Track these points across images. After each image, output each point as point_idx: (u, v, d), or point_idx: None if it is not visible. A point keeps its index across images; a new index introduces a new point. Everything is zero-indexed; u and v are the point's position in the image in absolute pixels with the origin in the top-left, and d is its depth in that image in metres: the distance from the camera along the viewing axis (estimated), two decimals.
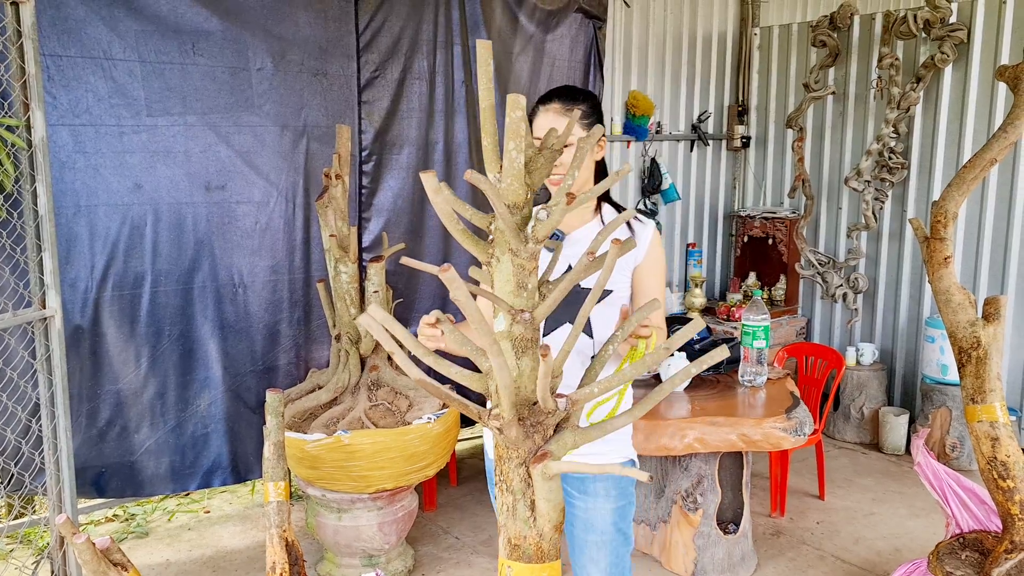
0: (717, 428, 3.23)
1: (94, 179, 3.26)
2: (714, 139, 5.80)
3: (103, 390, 3.35)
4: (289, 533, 2.79)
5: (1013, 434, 3.02)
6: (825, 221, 5.43)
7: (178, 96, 3.42)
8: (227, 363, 3.60)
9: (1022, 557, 2.90)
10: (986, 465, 3.01)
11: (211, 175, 3.52)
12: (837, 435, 5.01)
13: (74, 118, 3.20)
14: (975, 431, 3.04)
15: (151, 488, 3.50)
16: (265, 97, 3.66)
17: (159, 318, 3.43)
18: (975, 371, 3.09)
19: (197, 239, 3.50)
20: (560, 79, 4.76)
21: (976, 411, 3.05)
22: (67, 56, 3.17)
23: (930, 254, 3.21)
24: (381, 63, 4.00)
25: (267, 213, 3.68)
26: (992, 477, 3.00)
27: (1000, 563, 2.92)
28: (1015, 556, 2.92)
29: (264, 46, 3.62)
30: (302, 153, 3.76)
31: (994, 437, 3.00)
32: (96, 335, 3.31)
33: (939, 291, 3.14)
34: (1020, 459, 2.98)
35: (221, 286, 3.56)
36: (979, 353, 3.08)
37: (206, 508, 4.08)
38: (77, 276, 3.26)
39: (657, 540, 3.58)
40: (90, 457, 3.36)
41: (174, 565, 3.54)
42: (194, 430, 3.55)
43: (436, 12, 4.18)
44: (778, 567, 3.53)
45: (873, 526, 3.89)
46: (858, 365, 4.98)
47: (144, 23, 3.31)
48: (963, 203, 3.21)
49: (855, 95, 5.19)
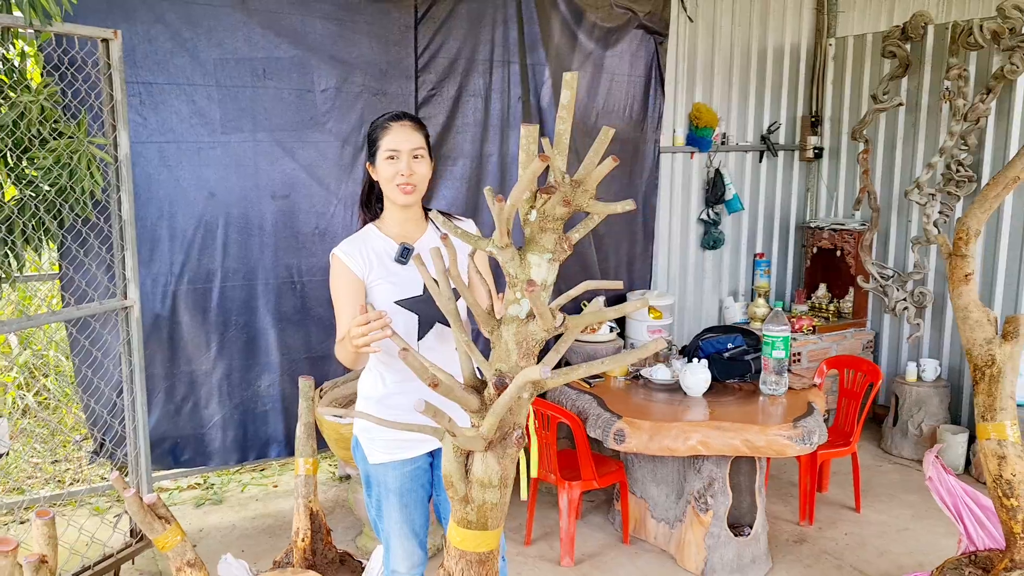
0: (722, 432, 3.37)
1: (175, 189, 3.77)
2: (785, 150, 5.81)
3: (179, 371, 3.86)
4: (314, 503, 3.16)
5: (1022, 454, 3.01)
6: (895, 234, 5.35)
7: (249, 116, 3.88)
8: (284, 350, 4.05)
9: (1018, 574, 2.89)
10: (992, 483, 3.03)
11: (276, 185, 3.97)
12: (894, 450, 4.94)
13: (160, 136, 3.72)
14: (984, 448, 3.06)
15: (217, 458, 4.00)
16: (328, 115, 4.07)
17: (227, 309, 3.92)
18: (987, 389, 3.11)
19: (262, 241, 3.95)
20: (619, 94, 4.97)
21: (986, 429, 3.07)
22: (156, 83, 3.69)
23: (951, 270, 3.24)
24: (438, 82, 4.34)
25: (326, 219, 4.09)
26: (997, 495, 3.02)
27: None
28: (1014, 573, 2.92)
29: (329, 69, 4.04)
30: (360, 166, 4.15)
31: (1001, 456, 3.02)
32: (174, 323, 3.83)
33: (958, 307, 3.18)
34: None
35: (281, 283, 4.01)
36: (993, 371, 3.10)
37: (275, 483, 4.55)
38: (159, 272, 3.77)
39: (674, 538, 3.73)
40: (168, 429, 3.88)
41: (238, 528, 4.01)
42: (255, 408, 4.03)
43: (494, 32, 4.48)
44: (791, 572, 3.60)
45: (903, 541, 3.88)
46: (919, 381, 4.90)
47: (222, 52, 3.79)
48: (985, 220, 3.23)
49: (927, 106, 5.10)
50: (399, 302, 2.30)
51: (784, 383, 3.74)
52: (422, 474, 2.47)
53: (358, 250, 2.32)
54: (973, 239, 3.21)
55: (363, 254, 2.32)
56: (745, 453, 3.36)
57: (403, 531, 2.46)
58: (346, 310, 2.28)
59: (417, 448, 2.42)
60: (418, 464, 2.44)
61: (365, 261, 2.31)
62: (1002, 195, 3.15)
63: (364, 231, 2.40)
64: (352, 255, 2.31)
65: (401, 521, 2.45)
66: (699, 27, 5.34)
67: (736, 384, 3.93)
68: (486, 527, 1.57)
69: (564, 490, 3.63)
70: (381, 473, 2.43)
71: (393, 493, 2.43)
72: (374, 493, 2.48)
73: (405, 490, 2.43)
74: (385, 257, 2.33)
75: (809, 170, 5.91)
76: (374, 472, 2.44)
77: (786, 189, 5.89)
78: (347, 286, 2.30)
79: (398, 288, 2.32)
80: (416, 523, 2.49)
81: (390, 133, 2.31)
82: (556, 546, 3.77)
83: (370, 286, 2.32)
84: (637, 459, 3.80)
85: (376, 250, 2.34)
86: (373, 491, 2.48)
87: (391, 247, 2.35)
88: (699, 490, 3.56)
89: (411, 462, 2.43)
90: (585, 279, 5.10)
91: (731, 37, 5.47)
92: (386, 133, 2.32)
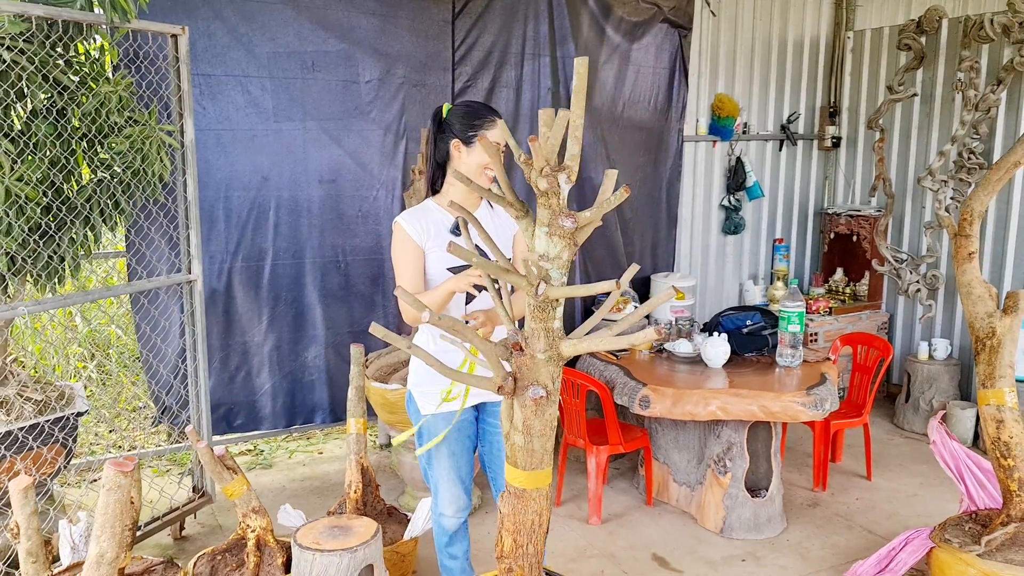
0: (740, 399, 3.62)
1: (231, 174, 4.07)
2: (804, 139, 6.03)
3: (233, 341, 4.17)
4: (364, 460, 3.45)
5: (1019, 418, 3.24)
6: (909, 220, 5.56)
7: (299, 105, 4.18)
8: (330, 324, 4.36)
9: (1013, 528, 3.13)
10: (991, 445, 3.26)
11: (324, 171, 4.26)
12: (906, 426, 5.17)
13: (218, 124, 4.02)
14: (984, 414, 3.30)
15: (267, 423, 4.33)
16: (371, 105, 4.36)
17: (277, 285, 4.23)
18: (988, 359, 3.34)
19: (310, 222, 4.26)
20: (644, 85, 5.22)
21: (986, 395, 3.30)
22: (214, 75, 3.99)
23: (956, 249, 3.47)
24: (473, 74, 4.62)
25: (369, 202, 4.39)
26: (996, 456, 3.25)
27: (993, 532, 3.15)
28: (1009, 527, 3.15)
29: (372, 62, 4.32)
30: (401, 152, 4.44)
31: (999, 420, 3.25)
32: (229, 297, 4.14)
33: (962, 283, 3.42)
34: (1023, 440, 3.20)
35: (327, 261, 4.32)
36: (993, 342, 3.33)
37: (320, 450, 4.85)
38: (216, 250, 4.08)
39: (694, 500, 3.99)
40: (222, 396, 4.20)
41: (288, 490, 4.31)
42: (302, 377, 4.34)
43: (526, 27, 4.75)
44: (804, 531, 3.85)
45: (911, 506, 4.11)
46: (930, 359, 5.12)
47: (274, 46, 4.09)
48: (988, 202, 3.46)
49: (941, 97, 5.31)
50: (451, 268, 2.58)
51: (799, 356, 3.98)
52: (468, 426, 2.75)
53: (418, 220, 2.60)
54: (977, 220, 3.44)
55: (423, 224, 2.59)
56: (761, 418, 3.61)
57: (451, 477, 2.74)
58: (407, 271, 2.57)
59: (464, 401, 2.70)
60: (464, 417, 2.72)
61: (424, 230, 2.59)
62: (1004, 179, 3.38)
63: (424, 204, 2.68)
64: (413, 224, 2.59)
65: (449, 468, 2.73)
66: (721, 21, 5.57)
67: (754, 357, 4.18)
68: (516, 464, 1.86)
69: (592, 454, 3.90)
70: (432, 424, 2.71)
71: (443, 442, 2.71)
72: (425, 442, 2.76)
73: (453, 439, 2.71)
74: (442, 228, 2.61)
75: (827, 158, 6.12)
76: (426, 423, 2.72)
77: (805, 177, 6.11)
78: (409, 251, 2.58)
79: (451, 257, 2.60)
80: (463, 471, 2.76)
81: (496, 128, 2.58)
82: (584, 507, 4.05)
83: (427, 253, 2.60)
84: (660, 427, 4.06)
85: (435, 221, 2.61)
86: (424, 441, 2.76)
87: (447, 219, 2.62)
88: (718, 454, 3.82)
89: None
90: (612, 262, 5.40)
91: (752, 30, 5.69)
92: (493, 127, 2.58)
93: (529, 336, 1.78)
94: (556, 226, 1.67)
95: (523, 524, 1.90)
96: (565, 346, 1.76)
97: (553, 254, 1.69)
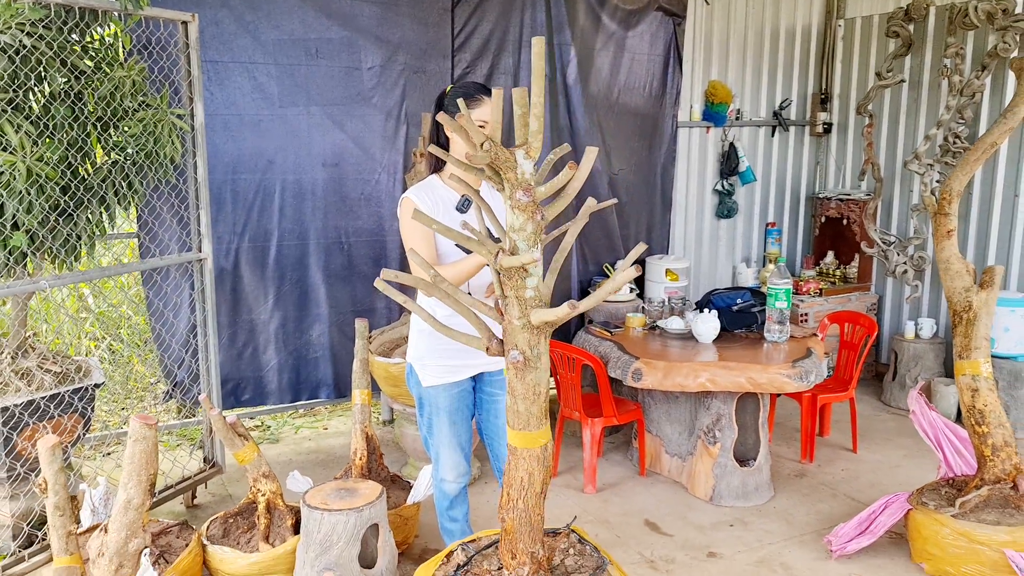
0: (728, 371, 3.78)
1: (238, 157, 4.22)
2: (796, 125, 6.17)
3: (240, 319, 4.33)
4: (369, 428, 3.61)
5: (993, 387, 3.40)
6: (898, 203, 5.71)
7: (303, 91, 4.32)
8: (333, 303, 4.52)
9: (987, 491, 3.29)
10: (967, 413, 3.42)
11: (327, 155, 4.41)
12: (893, 402, 5.33)
13: (225, 109, 4.16)
14: (960, 383, 3.46)
15: (273, 398, 4.49)
16: (374, 91, 4.50)
17: (283, 265, 4.39)
18: (964, 331, 3.50)
19: (314, 204, 4.41)
20: (639, 72, 5.36)
21: (963, 366, 3.46)
22: (221, 61, 4.13)
23: (936, 227, 3.63)
24: (472, 61, 4.76)
25: (371, 185, 4.54)
26: (971, 423, 3.41)
27: (967, 495, 3.31)
28: (982, 490, 3.31)
29: (374, 49, 4.46)
30: (402, 137, 4.58)
31: (974, 388, 3.40)
32: (236, 276, 4.30)
33: (941, 260, 3.57)
34: (996, 408, 3.37)
35: (331, 242, 4.47)
36: (970, 316, 3.48)
37: (325, 425, 5.01)
38: (223, 231, 4.23)
39: (685, 470, 4.15)
40: (230, 371, 4.36)
41: (295, 462, 4.47)
42: (307, 354, 4.50)
43: (523, 14, 4.88)
44: (791, 499, 4.01)
45: (894, 475, 4.27)
46: (916, 338, 5.27)
47: (280, 33, 4.23)
48: (966, 182, 3.60)
49: (928, 83, 5.44)
50: (458, 244, 2.72)
51: (787, 331, 4.14)
52: (467, 395, 2.89)
53: (427, 194, 2.71)
54: (956, 199, 3.59)
55: (432, 198, 2.71)
56: (749, 389, 3.76)
57: (452, 443, 2.89)
58: (422, 243, 2.65)
59: (462, 372, 2.84)
60: (463, 387, 2.86)
61: (433, 205, 2.69)
62: (982, 159, 3.53)
63: (429, 180, 2.78)
64: (422, 198, 2.70)
65: (450, 435, 2.88)
66: (715, 9, 5.70)
67: (743, 334, 4.33)
68: (508, 422, 2.02)
69: (587, 426, 4.06)
70: (433, 395, 2.85)
71: (443, 411, 2.85)
72: (426, 413, 2.90)
73: (453, 409, 2.85)
74: (449, 204, 2.73)
75: (818, 144, 6.27)
76: (427, 394, 2.86)
77: (796, 162, 6.26)
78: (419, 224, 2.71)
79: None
80: (462, 438, 2.91)
81: (482, 105, 2.63)
82: (580, 477, 4.21)
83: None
84: (653, 400, 4.21)
85: (442, 198, 2.73)
86: (425, 411, 2.90)
87: (453, 196, 2.75)
88: (708, 425, 3.98)
89: (457, 385, 2.84)
90: (607, 244, 5.56)
91: (745, 18, 5.83)
92: (478, 105, 2.63)
93: (507, 304, 1.93)
94: (515, 199, 1.81)
95: (514, 479, 2.06)
96: (534, 315, 1.88)
97: (518, 226, 1.82)
